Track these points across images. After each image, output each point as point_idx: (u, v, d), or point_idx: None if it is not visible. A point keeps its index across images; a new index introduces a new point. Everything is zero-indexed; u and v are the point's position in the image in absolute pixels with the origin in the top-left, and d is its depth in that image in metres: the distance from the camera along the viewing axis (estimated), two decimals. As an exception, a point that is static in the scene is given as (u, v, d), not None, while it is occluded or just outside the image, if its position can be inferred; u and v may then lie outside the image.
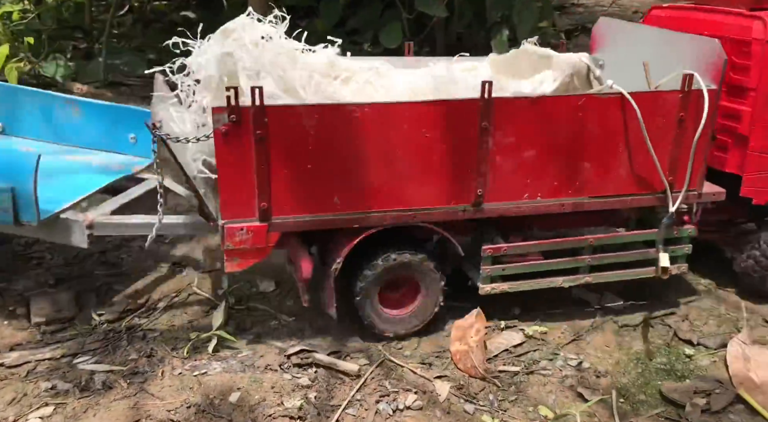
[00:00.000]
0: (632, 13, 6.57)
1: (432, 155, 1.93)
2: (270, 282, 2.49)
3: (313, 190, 1.89)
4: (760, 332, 2.19)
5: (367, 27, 5.46)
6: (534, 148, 1.99)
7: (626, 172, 2.07)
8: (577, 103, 1.97)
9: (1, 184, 1.85)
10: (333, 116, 1.84)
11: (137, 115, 2.33)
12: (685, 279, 2.49)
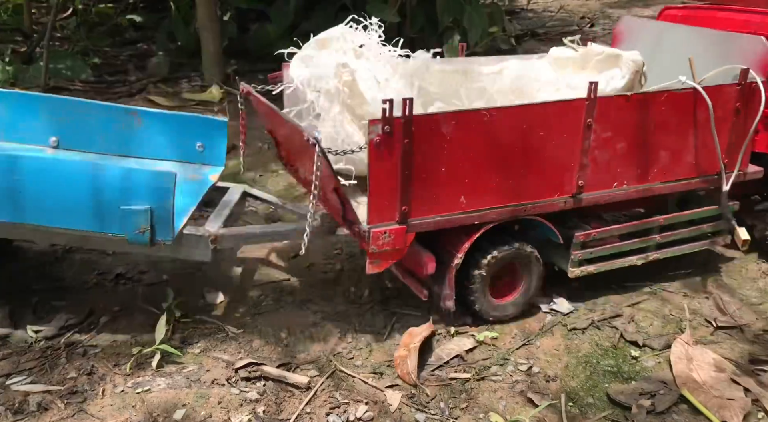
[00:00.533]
0: (580, 19, 6.72)
1: (543, 152, 2.10)
2: (217, 293, 2.43)
3: (444, 191, 2.01)
4: (701, 332, 2.24)
5: (320, 31, 5.41)
6: (624, 140, 2.20)
7: (692, 158, 2.33)
8: (662, 98, 2.19)
9: (139, 205, 1.81)
10: (465, 122, 1.97)
11: (202, 123, 2.34)
12: (631, 281, 2.54)
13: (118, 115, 2.29)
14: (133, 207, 1.82)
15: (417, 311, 2.34)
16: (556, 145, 2.10)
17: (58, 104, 2.28)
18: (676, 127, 2.26)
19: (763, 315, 2.30)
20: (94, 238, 1.93)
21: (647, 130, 2.21)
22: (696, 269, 2.62)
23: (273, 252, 2.74)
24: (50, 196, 1.78)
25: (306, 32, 5.73)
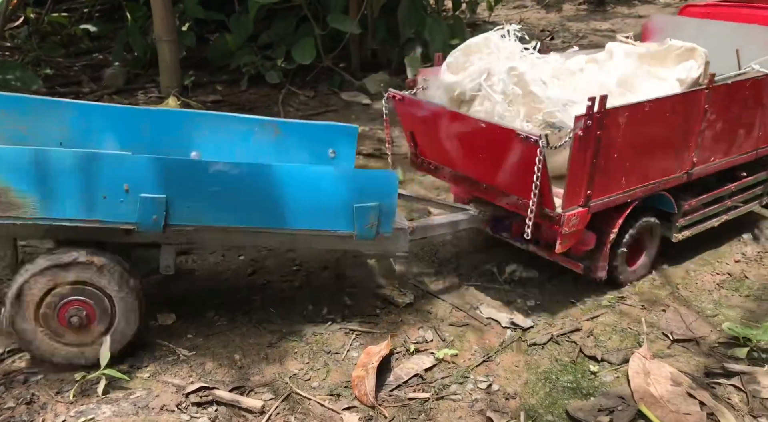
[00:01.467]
0: (540, 31, 6.81)
1: (675, 134, 2.41)
2: (169, 314, 2.34)
3: (613, 175, 2.26)
4: (659, 346, 2.25)
5: (280, 42, 5.37)
6: (722, 120, 2.52)
7: (761, 132, 2.71)
8: (747, 84, 2.55)
9: (370, 203, 1.99)
10: (634, 112, 2.22)
11: (334, 130, 2.47)
12: (590, 295, 2.54)
13: (256, 126, 2.39)
14: (365, 204, 2.00)
15: (376, 329, 2.30)
16: (685, 128, 2.43)
17: (195, 118, 2.34)
18: (754, 107, 2.64)
19: (718, 327, 2.32)
20: (316, 238, 2.09)
21: (740, 111, 2.59)
22: (653, 281, 2.64)
23: (229, 270, 2.67)
24: (295, 200, 1.96)
25: (266, 43, 5.71)
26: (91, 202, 1.77)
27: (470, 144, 2.30)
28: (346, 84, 5.28)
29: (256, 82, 5.20)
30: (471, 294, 2.55)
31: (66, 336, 1.96)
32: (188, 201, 1.85)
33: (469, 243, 2.93)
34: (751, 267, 2.72)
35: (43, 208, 1.74)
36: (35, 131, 2.17)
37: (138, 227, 1.85)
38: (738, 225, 3.04)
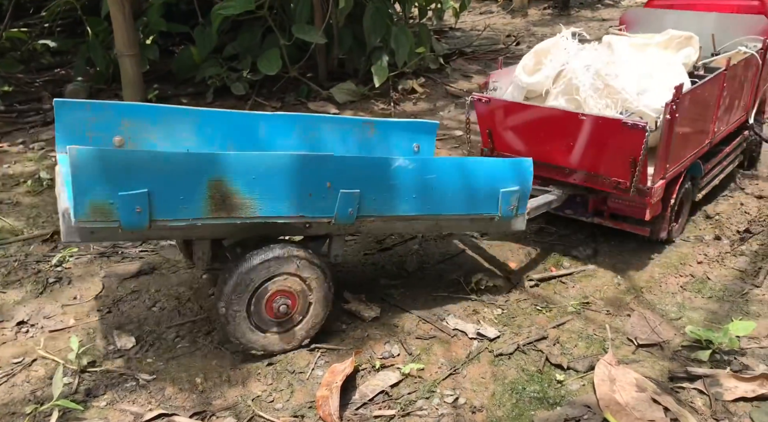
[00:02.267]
0: (506, 37, 6.86)
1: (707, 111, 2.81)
2: (129, 337, 2.28)
3: (677, 150, 2.59)
4: (624, 351, 2.26)
5: (246, 53, 5.32)
6: (730, 95, 2.95)
7: (744, 102, 3.17)
8: (743, 62, 2.98)
9: (513, 187, 2.29)
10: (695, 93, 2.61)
11: (418, 126, 2.71)
12: (556, 302, 2.54)
13: (355, 127, 2.61)
14: (510, 188, 2.28)
15: (341, 345, 2.27)
16: (713, 104, 2.81)
17: (298, 121, 2.53)
18: (743, 82, 3.05)
19: (681, 330, 2.33)
20: (460, 222, 2.32)
21: (736, 86, 2.99)
22: (618, 286, 2.65)
23: (191, 290, 2.62)
24: (446, 188, 2.18)
25: (232, 55, 5.65)
26: (300, 199, 1.95)
27: (560, 134, 2.57)
28: (313, 94, 5.25)
29: (222, 94, 5.14)
30: (438, 305, 2.53)
31: (269, 326, 2.12)
32: (373, 193, 2.05)
33: (436, 253, 2.92)
34: (713, 268, 2.74)
35: (261, 208, 1.90)
36: (164, 138, 2.32)
37: (335, 220, 2.03)
38: (701, 225, 3.08)
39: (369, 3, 5.23)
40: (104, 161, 1.65)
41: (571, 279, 2.71)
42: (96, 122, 2.24)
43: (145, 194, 1.72)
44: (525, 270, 2.78)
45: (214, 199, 1.82)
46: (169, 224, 1.81)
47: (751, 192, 3.37)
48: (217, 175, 1.80)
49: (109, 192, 1.68)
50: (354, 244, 3.00)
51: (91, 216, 1.71)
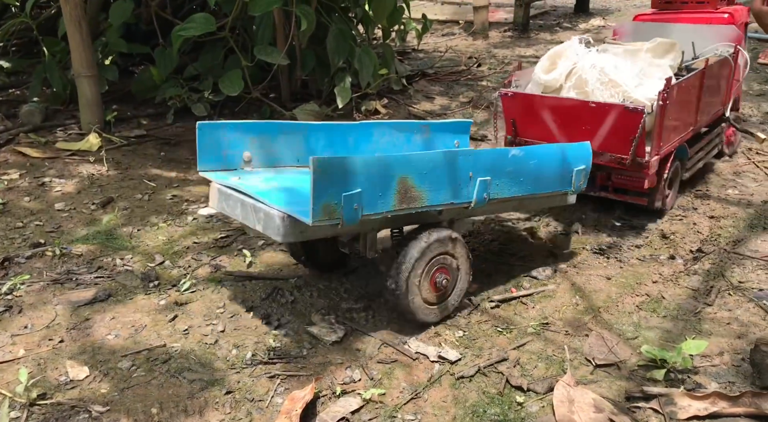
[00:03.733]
0: (468, 58, 6.97)
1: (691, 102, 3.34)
2: (82, 368, 2.22)
3: (668, 132, 3.12)
4: (582, 372, 2.29)
5: (207, 74, 5.29)
6: (708, 90, 3.45)
7: (720, 97, 3.72)
8: (719, 63, 3.54)
9: (582, 166, 2.77)
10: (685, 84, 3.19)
11: (458, 125, 3.11)
12: (517, 323, 2.57)
13: (416, 130, 2.98)
14: (580, 167, 2.75)
15: (302, 371, 2.25)
16: (696, 96, 3.33)
17: (375, 127, 2.90)
18: (719, 80, 3.58)
19: (638, 350, 2.37)
20: (543, 198, 2.75)
21: (713, 83, 3.49)
22: (576, 306, 2.69)
23: (148, 316, 2.56)
24: (540, 171, 2.61)
25: (193, 75, 5.61)
26: (453, 188, 2.32)
27: (573, 120, 3.10)
28: (276, 115, 5.23)
29: (183, 115, 5.09)
30: (400, 329, 2.53)
31: (429, 298, 2.46)
32: (497, 179, 2.45)
33: (398, 275, 2.92)
34: (668, 287, 2.81)
35: (429, 198, 2.26)
36: (281, 150, 2.64)
37: (474, 204, 2.41)
38: (656, 244, 3.16)
39: (332, 24, 5.26)
40: (335, 168, 1.98)
41: (531, 299, 2.74)
42: (229, 141, 2.50)
43: (359, 193, 2.05)
44: (486, 291, 2.80)
45: (400, 193, 2.16)
46: (370, 218, 2.13)
47: (704, 212, 3.47)
48: (403, 172, 2.15)
49: (336, 194, 2.00)
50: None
51: (323, 216, 2.00)
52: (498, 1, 9.94)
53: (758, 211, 3.47)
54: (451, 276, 2.48)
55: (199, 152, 2.45)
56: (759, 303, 2.65)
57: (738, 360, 2.30)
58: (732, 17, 3.80)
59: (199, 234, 3.28)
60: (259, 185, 2.40)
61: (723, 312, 2.61)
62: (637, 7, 10.00)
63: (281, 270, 2.95)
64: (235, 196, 2.31)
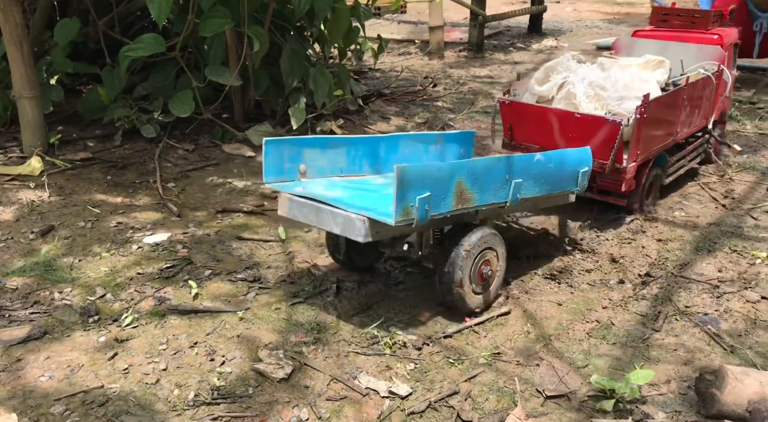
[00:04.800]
0: (423, 78, 7.00)
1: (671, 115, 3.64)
2: (10, 415, 2.09)
3: (646, 142, 3.42)
4: (533, 404, 2.27)
5: (158, 94, 5.17)
6: (690, 105, 3.76)
7: (703, 112, 4.02)
8: (701, 81, 3.84)
9: (585, 168, 3.09)
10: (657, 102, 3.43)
11: (464, 135, 3.44)
12: (468, 354, 2.54)
13: (431, 140, 3.30)
14: (584, 169, 3.05)
15: (247, 412, 2.17)
16: (676, 110, 3.62)
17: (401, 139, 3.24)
18: (701, 96, 3.86)
19: (587, 379, 2.37)
20: (554, 197, 3.03)
21: (694, 99, 3.78)
22: (528, 335, 2.68)
23: (86, 354, 2.45)
24: (555, 172, 2.91)
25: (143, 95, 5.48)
26: (494, 190, 2.61)
27: (561, 128, 3.41)
28: (229, 136, 5.15)
29: (132, 136, 4.96)
30: (351, 362, 2.47)
31: (476, 288, 2.71)
32: (525, 181, 2.73)
33: (351, 305, 2.87)
34: (617, 313, 2.83)
35: (478, 199, 2.55)
36: (328, 162, 2.93)
37: (509, 203, 2.70)
38: (606, 269, 3.19)
39: (286, 45, 5.22)
40: (413, 174, 2.27)
41: (484, 328, 2.73)
42: (289, 155, 2.77)
43: (429, 196, 2.33)
44: (439, 320, 2.77)
45: (457, 195, 2.45)
46: (436, 217, 2.42)
47: (652, 235, 3.53)
48: (460, 177, 2.44)
49: (413, 197, 2.29)
50: (265, 295, 2.91)
51: (402, 217, 2.29)
52: (454, 21, 10.06)
53: (703, 233, 3.55)
54: (493, 268, 2.74)
55: (265, 166, 2.71)
56: (704, 328, 2.70)
57: (684, 388, 2.32)
58: (721, 38, 4.11)
59: (144, 263, 3.17)
60: (325, 193, 2.64)
61: (670, 338, 2.64)
62: (589, 28, 10.27)
63: (228, 302, 2.86)
64: (309, 203, 2.56)
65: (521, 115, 3.63)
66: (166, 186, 4.18)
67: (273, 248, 3.39)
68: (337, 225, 2.49)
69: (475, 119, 5.67)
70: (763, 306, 2.86)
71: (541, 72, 3.78)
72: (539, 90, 3.70)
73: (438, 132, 3.46)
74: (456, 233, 2.70)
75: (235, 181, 4.27)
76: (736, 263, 3.24)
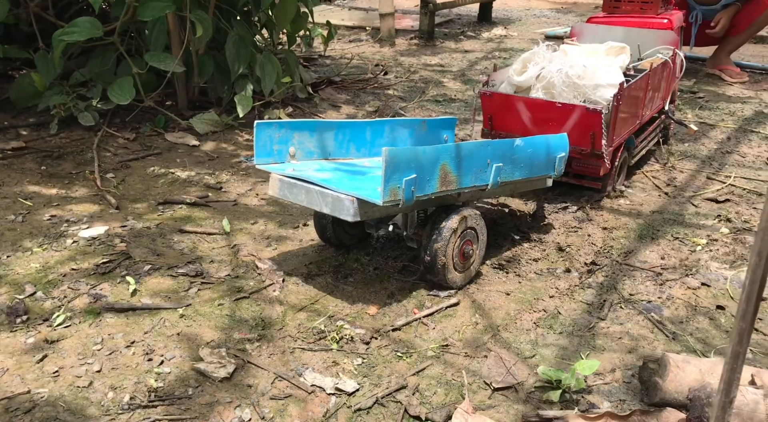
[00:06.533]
0: (374, 66, 6.93)
1: (638, 99, 3.84)
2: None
3: (619, 127, 3.62)
4: (480, 396, 2.25)
5: (97, 81, 4.94)
6: (652, 89, 3.99)
7: (661, 94, 4.24)
8: (661, 65, 4.04)
9: (561, 153, 3.22)
10: (629, 89, 3.61)
11: (447, 121, 3.57)
12: (417, 347, 2.51)
13: (417, 126, 3.42)
14: (561, 154, 3.17)
15: (186, 414, 2.08)
16: (642, 94, 3.86)
17: (387, 124, 3.33)
18: (660, 80, 4.10)
19: (535, 370, 2.37)
20: (532, 181, 3.17)
21: (655, 82, 4.02)
22: (476, 325, 2.67)
23: (13, 357, 2.30)
24: (533, 158, 3.02)
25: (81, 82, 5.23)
26: (476, 173, 2.73)
27: (542, 117, 3.59)
28: (172, 124, 4.97)
29: (69, 124, 4.73)
30: (296, 359, 2.41)
31: (460, 267, 2.86)
32: (506, 165, 2.85)
33: (298, 299, 2.80)
34: (564, 302, 2.84)
35: (461, 181, 2.68)
36: (316, 146, 3.05)
37: (489, 187, 2.82)
38: (553, 258, 3.21)
39: (231, 30, 5.06)
40: (400, 157, 2.37)
41: (433, 319, 2.70)
42: (279, 138, 2.88)
43: (415, 178, 2.44)
44: (387, 313, 2.73)
45: (441, 178, 2.57)
46: (421, 199, 2.54)
47: (598, 223, 3.57)
48: (444, 159, 2.55)
49: (399, 178, 2.40)
50: (207, 290, 2.81)
51: (390, 198, 2.41)
52: (405, 8, 9.99)
53: (647, 221, 3.61)
54: (473, 246, 2.89)
55: (256, 148, 2.81)
56: (647, 316, 2.74)
57: (629, 377, 2.35)
58: (670, 22, 4.44)
59: (79, 259, 3.02)
60: (315, 175, 2.75)
61: (615, 327, 2.67)
62: (537, 17, 10.36)
63: (169, 298, 2.75)
64: (299, 184, 2.66)
65: (502, 105, 3.76)
66: (105, 176, 4.00)
67: (217, 241, 3.28)
68: (326, 206, 2.59)
69: (426, 108, 5.63)
70: (703, 292, 2.93)
71: (518, 63, 3.89)
72: (518, 80, 3.81)
73: (422, 118, 3.55)
74: (439, 214, 2.82)
75: (178, 171, 4.12)
76: (678, 250, 3.30)
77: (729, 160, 4.53)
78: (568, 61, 3.83)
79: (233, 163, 4.37)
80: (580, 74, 3.71)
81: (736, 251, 3.29)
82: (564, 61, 3.84)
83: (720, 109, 5.71)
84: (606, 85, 3.65)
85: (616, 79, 3.65)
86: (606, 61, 3.95)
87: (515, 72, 3.90)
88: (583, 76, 3.71)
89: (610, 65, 3.87)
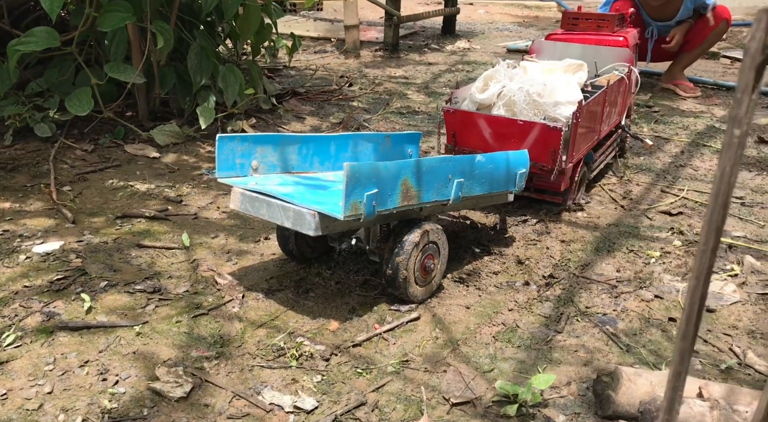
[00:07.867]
0: (339, 78, 6.94)
1: (597, 115, 3.95)
2: None
3: (578, 143, 3.70)
4: (439, 412, 2.27)
5: (54, 91, 4.84)
6: (609, 104, 4.09)
7: (618, 110, 4.37)
8: (618, 81, 4.19)
9: (522, 169, 3.31)
10: (588, 105, 3.72)
11: (412, 136, 3.60)
12: (377, 362, 2.52)
13: (381, 140, 3.45)
14: (521, 170, 3.23)
15: (140, 435, 2.04)
16: (600, 110, 3.96)
17: (351, 138, 3.34)
18: (617, 95, 4.23)
19: (493, 384, 2.40)
20: (493, 196, 3.21)
21: (612, 98, 4.12)
22: (436, 340, 2.69)
23: (-41, 381, 2.23)
24: (494, 173, 3.07)
25: (37, 92, 5.12)
26: (437, 188, 2.78)
27: (504, 134, 3.66)
28: (132, 135, 4.89)
29: (24, 136, 4.62)
30: (255, 377, 2.39)
31: (421, 281, 2.88)
32: (467, 180, 2.91)
33: (258, 316, 2.78)
34: (522, 315, 2.89)
35: (422, 196, 2.71)
36: (279, 159, 3.05)
37: (451, 201, 2.87)
38: (512, 271, 3.26)
39: (193, 41, 5.02)
40: (362, 172, 2.39)
41: (393, 335, 2.71)
42: (242, 151, 2.87)
43: (376, 193, 2.47)
44: (348, 328, 2.73)
45: (402, 193, 2.61)
46: (383, 213, 2.57)
47: (556, 236, 3.64)
48: (405, 175, 2.58)
49: (361, 193, 2.41)
50: (165, 307, 2.77)
51: (351, 212, 2.41)
52: (370, 20, 10.05)
53: (603, 233, 3.70)
54: (435, 261, 2.91)
55: (218, 162, 2.81)
56: (603, 329, 2.80)
57: (583, 390, 2.40)
58: (626, 40, 4.58)
59: (32, 275, 2.94)
60: (277, 188, 2.76)
61: (571, 340, 2.72)
62: (500, 31, 10.54)
63: (125, 315, 2.70)
64: (261, 198, 2.66)
65: (465, 122, 3.84)
66: (61, 189, 3.92)
67: (176, 256, 3.23)
68: (288, 220, 2.59)
69: (390, 120, 5.67)
70: (656, 304, 3.01)
71: (480, 80, 3.99)
72: (480, 98, 3.89)
73: (386, 132, 3.62)
74: (402, 228, 2.85)
75: (137, 184, 4.06)
76: (632, 263, 3.39)
77: (682, 174, 4.67)
78: (529, 79, 3.93)
79: (194, 175, 4.32)
80: (540, 92, 3.80)
81: (687, 263, 3.39)
82: (524, 79, 3.93)
83: (674, 123, 5.89)
84: (565, 102, 3.75)
85: (574, 96, 3.75)
86: (565, 78, 4.06)
87: (477, 89, 3.98)
88: (543, 94, 3.79)
89: (569, 82, 3.98)
